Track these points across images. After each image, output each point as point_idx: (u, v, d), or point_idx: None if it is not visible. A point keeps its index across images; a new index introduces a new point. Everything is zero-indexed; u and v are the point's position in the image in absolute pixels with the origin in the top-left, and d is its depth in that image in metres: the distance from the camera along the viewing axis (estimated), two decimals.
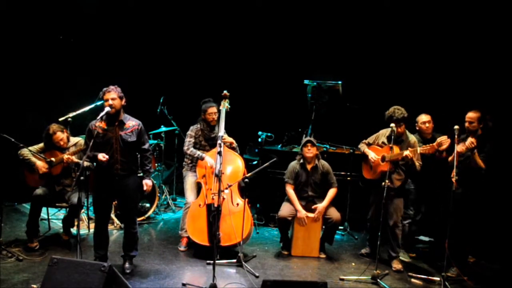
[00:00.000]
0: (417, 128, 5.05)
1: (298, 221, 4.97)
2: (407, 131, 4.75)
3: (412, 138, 4.76)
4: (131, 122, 4.21)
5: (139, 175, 4.39)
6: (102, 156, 4.03)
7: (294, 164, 5.11)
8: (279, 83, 7.02)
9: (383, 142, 4.82)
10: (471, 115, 4.48)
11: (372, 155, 4.80)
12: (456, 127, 4.31)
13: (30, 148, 4.80)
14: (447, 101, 5.83)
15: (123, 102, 4.17)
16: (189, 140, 5.07)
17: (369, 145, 4.95)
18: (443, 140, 4.37)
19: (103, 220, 4.32)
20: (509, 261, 4.98)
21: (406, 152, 4.45)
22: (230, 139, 5.08)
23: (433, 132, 5.03)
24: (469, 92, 5.72)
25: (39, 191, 4.76)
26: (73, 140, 4.96)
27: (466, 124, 4.49)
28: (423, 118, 5.01)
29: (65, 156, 4.69)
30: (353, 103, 6.06)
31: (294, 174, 5.06)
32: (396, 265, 4.77)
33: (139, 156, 4.39)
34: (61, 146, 4.82)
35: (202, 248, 4.78)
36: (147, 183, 4.32)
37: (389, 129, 4.58)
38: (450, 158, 4.46)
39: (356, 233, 5.91)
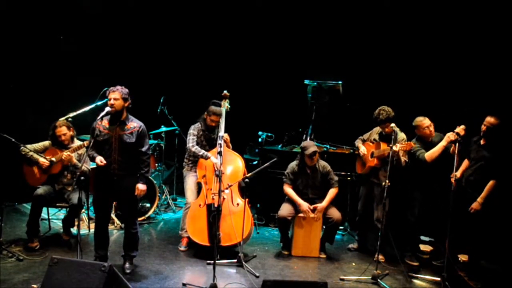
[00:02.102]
0: (419, 134, 4.86)
1: (300, 222, 4.96)
2: (397, 129, 4.75)
3: (401, 136, 4.83)
4: (133, 124, 4.20)
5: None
6: (100, 161, 4.05)
7: (293, 165, 5.11)
8: (279, 83, 7.02)
9: (374, 139, 5.08)
10: (492, 120, 4.38)
11: (362, 149, 5.08)
12: (462, 126, 4.40)
13: (34, 145, 4.83)
14: (447, 101, 5.83)
15: (127, 104, 4.16)
16: (192, 138, 5.05)
17: (364, 141, 5.19)
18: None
19: (103, 220, 4.31)
20: (509, 261, 4.99)
21: (394, 148, 4.54)
22: (229, 144, 5.12)
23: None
24: (469, 92, 5.72)
25: (40, 191, 4.76)
26: (77, 142, 4.95)
27: (484, 128, 4.43)
28: (425, 122, 4.80)
29: (65, 154, 4.69)
30: (354, 103, 6.06)
31: (294, 175, 5.06)
32: (381, 257, 4.82)
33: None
34: (62, 141, 4.82)
35: (202, 248, 4.79)
36: (138, 187, 4.19)
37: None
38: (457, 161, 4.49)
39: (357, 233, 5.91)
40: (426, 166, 4.75)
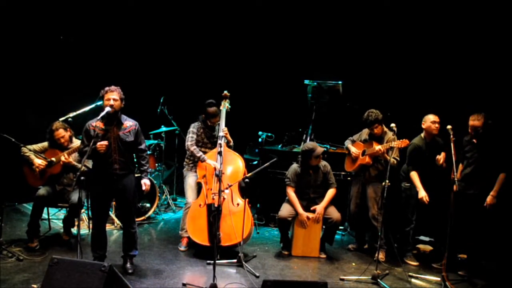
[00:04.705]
0: (424, 127, 4.91)
1: (300, 223, 4.98)
2: (387, 130, 4.96)
3: (390, 136, 4.90)
4: (129, 122, 4.22)
5: (136, 175, 4.39)
6: (100, 145, 3.99)
7: (295, 167, 5.11)
8: (279, 83, 7.02)
9: (365, 139, 5.19)
10: (476, 123, 4.45)
11: (353, 149, 5.19)
12: (448, 126, 4.46)
13: (34, 146, 4.83)
14: (447, 101, 5.83)
15: (122, 104, 4.18)
16: (191, 136, 5.06)
17: (353, 141, 5.30)
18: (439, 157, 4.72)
19: (101, 220, 4.31)
20: (509, 261, 4.99)
21: (378, 147, 4.76)
22: (229, 137, 5.09)
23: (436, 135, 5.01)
24: (468, 92, 5.73)
25: (42, 191, 4.77)
26: (76, 142, 4.94)
27: (471, 131, 4.50)
28: (432, 117, 4.86)
29: (62, 158, 4.68)
30: (353, 103, 6.07)
31: (296, 176, 5.06)
32: (381, 256, 4.88)
33: (135, 156, 4.39)
34: (62, 143, 4.82)
35: (202, 248, 4.79)
36: (145, 182, 4.31)
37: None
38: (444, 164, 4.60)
39: None
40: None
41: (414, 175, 4.86)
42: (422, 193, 4.74)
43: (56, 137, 4.80)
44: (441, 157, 4.72)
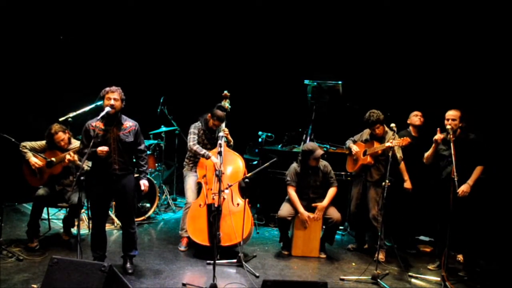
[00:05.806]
0: (409, 122, 5.34)
1: (301, 223, 4.98)
2: (388, 130, 4.98)
3: (390, 136, 4.91)
4: (128, 123, 4.22)
5: (135, 175, 4.39)
6: (100, 150, 4.00)
7: (295, 166, 5.11)
8: (279, 83, 7.02)
9: (366, 139, 5.18)
10: (453, 113, 4.55)
11: (354, 148, 5.20)
12: (448, 127, 4.50)
13: (33, 143, 4.83)
14: (446, 101, 5.82)
15: (123, 105, 4.17)
16: (193, 137, 5.04)
17: (354, 142, 5.32)
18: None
19: (101, 220, 4.31)
20: (509, 261, 4.99)
21: (387, 144, 4.70)
22: (229, 137, 5.10)
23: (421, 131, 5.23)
24: (467, 92, 5.73)
25: (41, 191, 4.77)
26: (75, 142, 4.95)
27: (449, 122, 4.53)
28: (415, 112, 5.33)
29: (67, 156, 4.68)
30: (353, 103, 6.07)
31: (296, 176, 5.06)
32: (381, 256, 4.89)
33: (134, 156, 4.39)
34: (61, 146, 4.82)
35: (202, 248, 4.79)
36: (144, 183, 4.31)
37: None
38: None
39: None
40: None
41: (402, 165, 5.07)
42: (408, 185, 5.08)
43: (56, 141, 4.80)
44: None
